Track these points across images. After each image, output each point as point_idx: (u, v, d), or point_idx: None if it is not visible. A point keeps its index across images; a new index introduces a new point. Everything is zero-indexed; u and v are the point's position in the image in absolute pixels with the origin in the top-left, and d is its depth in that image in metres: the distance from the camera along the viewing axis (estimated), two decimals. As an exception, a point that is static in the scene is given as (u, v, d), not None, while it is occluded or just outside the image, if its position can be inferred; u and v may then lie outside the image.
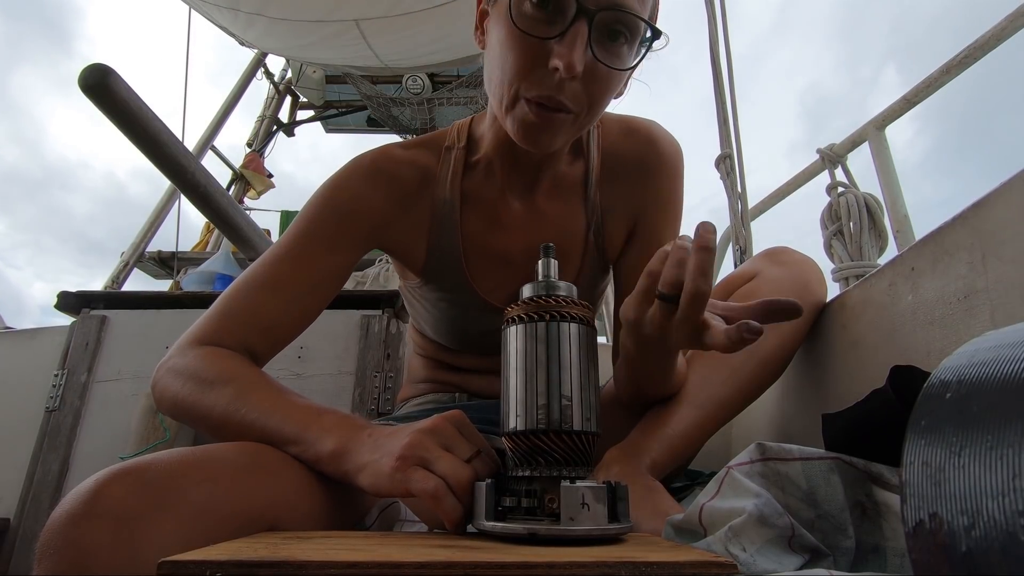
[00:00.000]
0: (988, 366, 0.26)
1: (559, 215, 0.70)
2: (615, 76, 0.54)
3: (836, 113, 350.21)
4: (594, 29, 0.51)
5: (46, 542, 0.33)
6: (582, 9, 0.50)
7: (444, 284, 0.70)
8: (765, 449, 0.43)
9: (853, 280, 1.33)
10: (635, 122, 0.71)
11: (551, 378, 0.39)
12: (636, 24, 0.52)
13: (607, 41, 0.52)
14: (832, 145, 1.56)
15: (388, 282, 2.22)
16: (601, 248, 0.72)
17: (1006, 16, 1.22)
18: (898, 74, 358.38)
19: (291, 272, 0.62)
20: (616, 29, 0.52)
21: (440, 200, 0.68)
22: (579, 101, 0.54)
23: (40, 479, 1.11)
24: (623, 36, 0.52)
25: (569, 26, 0.50)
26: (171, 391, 0.54)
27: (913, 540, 0.25)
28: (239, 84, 3.95)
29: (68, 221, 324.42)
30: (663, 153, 0.69)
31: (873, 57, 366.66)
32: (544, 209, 0.69)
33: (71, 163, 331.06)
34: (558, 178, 0.69)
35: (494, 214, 0.69)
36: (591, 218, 0.70)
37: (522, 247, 0.69)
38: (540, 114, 0.53)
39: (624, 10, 0.51)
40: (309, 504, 0.46)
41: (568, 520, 0.34)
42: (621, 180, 0.70)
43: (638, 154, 0.69)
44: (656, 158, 0.69)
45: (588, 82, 0.53)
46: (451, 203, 0.68)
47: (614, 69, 0.53)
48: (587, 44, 0.51)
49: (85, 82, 1.08)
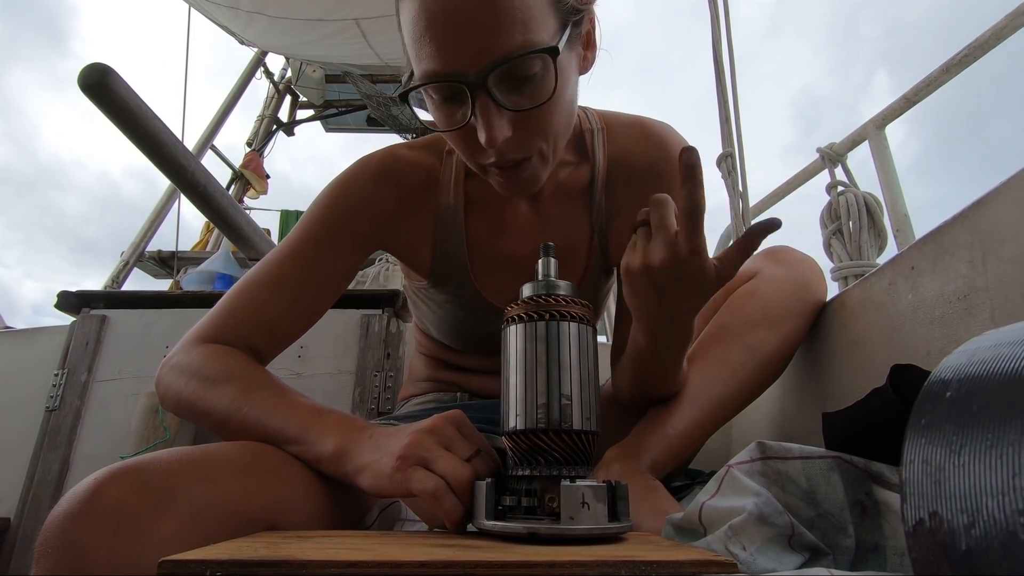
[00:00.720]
0: (988, 365, 0.26)
1: (564, 219, 0.69)
2: (548, 104, 0.51)
3: (828, 116, 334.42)
4: (494, 92, 0.48)
5: (45, 541, 0.33)
6: (473, 86, 0.48)
7: (450, 287, 0.70)
8: (765, 448, 0.43)
9: (852, 279, 1.33)
10: (648, 125, 0.69)
11: (551, 377, 0.39)
12: (526, 62, 0.48)
13: (515, 90, 0.50)
14: (832, 144, 1.56)
15: (388, 282, 2.22)
16: (605, 251, 0.71)
17: (1006, 15, 1.22)
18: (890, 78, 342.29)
19: (296, 272, 0.62)
20: (514, 78, 0.49)
21: (444, 205, 0.68)
22: (530, 145, 0.53)
23: (40, 479, 1.11)
24: (525, 74, 0.49)
25: (473, 107, 0.49)
26: (175, 388, 0.54)
27: (913, 539, 0.25)
28: (239, 83, 3.95)
29: (61, 220, 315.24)
30: (675, 158, 0.69)
31: (865, 61, 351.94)
32: (550, 213, 0.69)
33: (64, 162, 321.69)
34: (562, 182, 0.69)
35: (499, 219, 0.68)
36: (596, 222, 0.70)
37: (529, 251, 0.69)
38: (506, 175, 0.54)
39: (507, 61, 0.47)
40: (309, 504, 0.46)
41: (568, 519, 0.34)
42: (631, 184, 0.68)
43: (649, 158, 0.68)
44: (667, 162, 0.67)
45: (524, 127, 0.51)
46: (455, 208, 0.68)
47: (537, 107, 0.50)
48: (498, 106, 0.49)
49: (85, 81, 1.08)
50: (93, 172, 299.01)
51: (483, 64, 0.47)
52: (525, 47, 0.47)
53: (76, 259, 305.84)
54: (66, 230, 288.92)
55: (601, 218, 0.70)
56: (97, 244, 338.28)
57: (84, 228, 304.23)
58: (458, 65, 0.47)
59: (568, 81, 0.53)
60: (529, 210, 0.69)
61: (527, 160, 0.54)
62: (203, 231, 3.84)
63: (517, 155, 0.53)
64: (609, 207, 0.69)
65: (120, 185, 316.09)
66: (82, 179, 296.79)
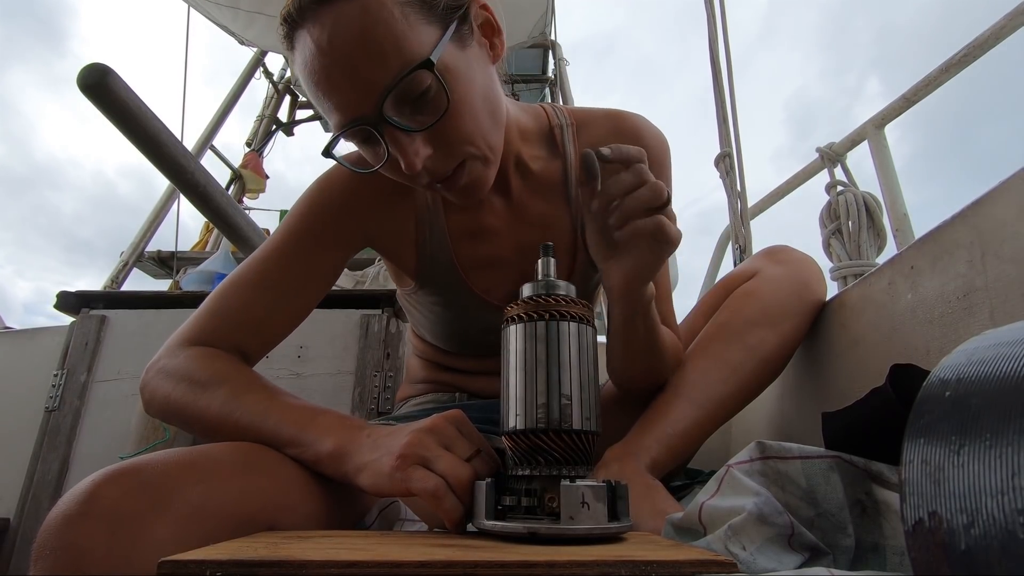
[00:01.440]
0: (987, 364, 0.26)
1: (542, 214, 0.69)
2: (453, 111, 0.50)
3: (821, 120, 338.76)
4: (396, 121, 0.49)
5: (42, 543, 0.33)
6: (374, 123, 0.49)
7: (439, 287, 0.70)
8: (765, 448, 0.43)
9: (851, 279, 1.33)
10: (621, 116, 0.70)
11: (551, 377, 0.39)
12: (411, 82, 0.48)
13: (417, 110, 0.50)
14: (831, 144, 1.56)
15: (388, 282, 2.22)
16: None
17: (1005, 15, 1.22)
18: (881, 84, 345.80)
19: (280, 270, 0.62)
20: (409, 101, 0.49)
21: (424, 204, 0.68)
22: (455, 153, 0.53)
23: (40, 479, 1.11)
24: (418, 91, 0.49)
25: (384, 143, 0.50)
26: (162, 393, 0.54)
27: (912, 538, 0.25)
28: (238, 83, 3.95)
29: (55, 219, 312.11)
30: (648, 147, 0.67)
31: (857, 66, 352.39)
32: (526, 207, 0.69)
33: (59, 161, 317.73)
34: (534, 176, 0.68)
35: (477, 218, 0.68)
36: (576, 216, 0.69)
37: (511, 246, 0.69)
38: (448, 186, 0.55)
39: (389, 90, 0.48)
40: (307, 504, 0.46)
41: (568, 519, 0.34)
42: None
43: (610, 138, 0.67)
44: (628, 132, 0.67)
45: (442, 140, 0.51)
46: (434, 208, 0.68)
47: (440, 118, 0.50)
48: (406, 132, 0.50)
49: (84, 82, 1.08)
50: (88, 171, 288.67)
51: (372, 100, 0.48)
52: (403, 69, 0.47)
53: (69, 259, 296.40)
54: (60, 229, 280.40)
55: (581, 212, 0.69)
56: (90, 244, 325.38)
57: (78, 227, 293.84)
58: (355, 111, 0.49)
59: (472, 81, 0.52)
60: (505, 207, 0.68)
61: (461, 168, 0.54)
62: (203, 231, 3.84)
63: (446, 167, 0.53)
64: None
65: (115, 184, 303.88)
66: (77, 178, 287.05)
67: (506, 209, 0.69)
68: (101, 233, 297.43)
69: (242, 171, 4.10)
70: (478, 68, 0.54)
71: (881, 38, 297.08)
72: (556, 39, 4.11)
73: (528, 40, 3.83)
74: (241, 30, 3.57)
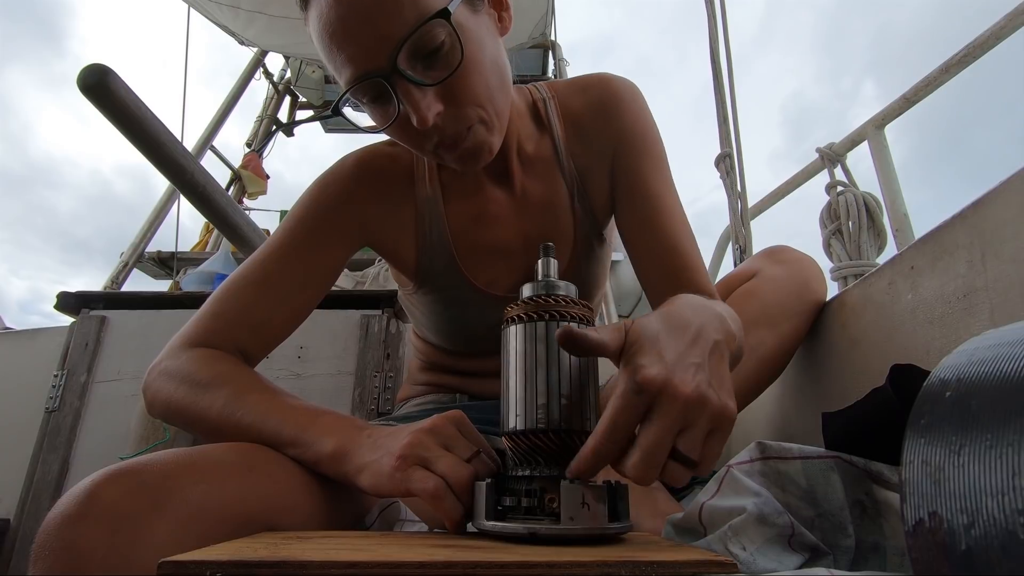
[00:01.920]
0: (987, 365, 0.26)
1: (542, 194, 0.69)
2: (465, 69, 0.51)
3: (817, 123, 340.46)
4: (409, 74, 0.49)
5: (42, 543, 0.33)
6: (387, 75, 0.49)
7: (440, 282, 0.70)
8: (765, 448, 0.43)
9: (851, 279, 1.33)
10: (586, 77, 0.70)
11: (551, 378, 0.39)
12: (427, 34, 0.48)
13: (429, 65, 0.50)
14: (831, 144, 1.56)
15: (388, 282, 2.22)
16: (589, 212, 0.70)
17: (1005, 15, 1.22)
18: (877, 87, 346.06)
19: (280, 270, 0.62)
20: (422, 54, 0.49)
21: (423, 197, 0.68)
22: (465, 113, 0.53)
23: (40, 479, 1.11)
24: (432, 46, 0.49)
25: (396, 96, 0.50)
26: (164, 394, 0.54)
27: (913, 539, 0.25)
28: (238, 84, 3.95)
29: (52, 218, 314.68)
30: (617, 90, 0.68)
31: (853, 70, 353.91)
32: (527, 192, 0.69)
33: (57, 160, 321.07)
34: (530, 158, 0.68)
35: (478, 206, 0.68)
36: (571, 186, 0.69)
37: (513, 235, 0.68)
38: (453, 149, 0.55)
39: (405, 40, 0.48)
40: (308, 504, 0.46)
41: (568, 520, 0.34)
42: (588, 135, 0.69)
43: (595, 101, 0.68)
44: (612, 96, 0.68)
45: (453, 98, 0.52)
46: (433, 199, 0.68)
47: (452, 73, 0.50)
48: (418, 86, 0.50)
49: (84, 82, 1.08)
50: (85, 170, 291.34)
51: (387, 52, 0.48)
52: (418, 21, 0.48)
53: (65, 258, 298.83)
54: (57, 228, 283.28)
55: (575, 182, 0.69)
56: (88, 243, 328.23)
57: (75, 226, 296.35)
58: (368, 63, 0.49)
59: (483, 43, 0.53)
60: (506, 194, 0.68)
61: (469, 130, 0.54)
62: (203, 231, 3.84)
63: (456, 126, 0.53)
64: (578, 167, 0.69)
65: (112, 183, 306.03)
66: (74, 177, 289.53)
67: (508, 197, 0.68)
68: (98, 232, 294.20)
69: (242, 172, 4.09)
70: (488, 34, 0.55)
71: (877, 42, 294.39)
72: (556, 39, 4.11)
73: (528, 40, 3.83)
74: (241, 30, 3.57)
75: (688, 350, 0.36)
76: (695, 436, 0.34)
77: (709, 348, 0.37)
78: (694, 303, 0.42)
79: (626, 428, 0.34)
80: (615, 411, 0.34)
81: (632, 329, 0.37)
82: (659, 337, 0.36)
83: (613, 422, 0.34)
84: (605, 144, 0.68)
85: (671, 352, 0.35)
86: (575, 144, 0.69)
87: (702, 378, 0.34)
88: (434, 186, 0.68)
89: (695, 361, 0.35)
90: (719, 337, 0.38)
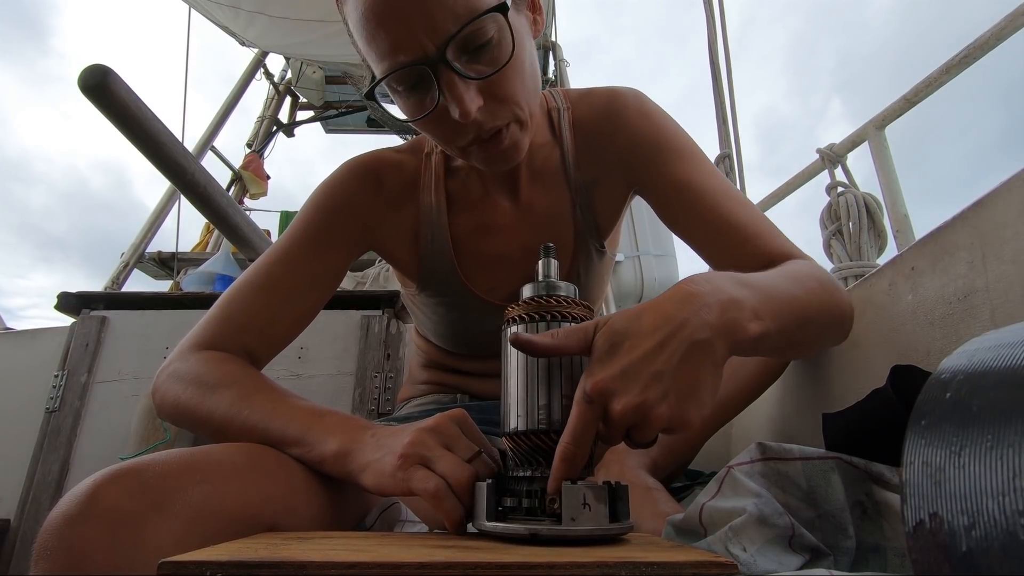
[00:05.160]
0: (988, 366, 0.26)
1: (546, 205, 0.69)
2: (509, 67, 0.51)
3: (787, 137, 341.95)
4: (456, 65, 0.49)
5: (43, 543, 0.33)
6: (434, 64, 0.48)
7: (441, 288, 0.70)
8: (766, 449, 0.43)
9: (852, 280, 1.33)
10: (595, 90, 0.70)
11: (552, 378, 0.39)
12: (480, 27, 0.48)
13: (475, 59, 0.50)
14: (832, 145, 1.56)
15: (388, 282, 2.22)
16: (592, 223, 0.70)
17: (1005, 16, 1.23)
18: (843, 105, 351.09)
19: (286, 273, 0.62)
20: (471, 47, 0.49)
21: (426, 205, 0.68)
22: (504, 112, 0.53)
23: (40, 480, 1.11)
24: (481, 41, 0.49)
25: (440, 86, 0.49)
26: (172, 395, 0.54)
27: (913, 540, 0.25)
28: (239, 85, 3.95)
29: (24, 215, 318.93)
30: (623, 101, 0.67)
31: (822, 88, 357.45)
32: (532, 203, 0.69)
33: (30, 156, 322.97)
34: (539, 168, 0.68)
35: (483, 216, 0.68)
36: (576, 197, 0.69)
37: (517, 245, 0.69)
38: (487, 147, 0.54)
39: (460, 31, 0.48)
40: (308, 505, 0.46)
41: (570, 520, 0.34)
42: (597, 147, 0.68)
43: (602, 113, 0.68)
44: (618, 108, 0.67)
45: (494, 94, 0.52)
46: (437, 208, 0.68)
47: (499, 70, 0.50)
48: (463, 78, 0.49)
49: (85, 83, 1.08)
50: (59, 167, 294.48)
51: (438, 41, 0.48)
52: (473, 13, 0.48)
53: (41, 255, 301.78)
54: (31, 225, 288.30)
55: (581, 193, 0.69)
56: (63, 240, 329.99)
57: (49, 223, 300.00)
58: (414, 50, 0.48)
59: (524, 43, 0.53)
60: (511, 204, 0.68)
61: (505, 128, 0.54)
62: (203, 232, 3.84)
63: (494, 123, 0.53)
64: (585, 178, 0.69)
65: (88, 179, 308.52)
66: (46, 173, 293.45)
67: (513, 207, 0.69)
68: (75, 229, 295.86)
69: (243, 172, 4.10)
70: (526, 36, 0.55)
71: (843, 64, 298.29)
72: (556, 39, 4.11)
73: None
74: (242, 30, 3.58)
75: (651, 355, 0.35)
76: (645, 435, 0.36)
77: (683, 351, 0.35)
78: (696, 290, 0.39)
79: (586, 433, 0.35)
80: (575, 418, 0.36)
81: (600, 331, 0.37)
82: (622, 342, 0.36)
83: (574, 429, 0.35)
84: (615, 156, 0.68)
85: (627, 358, 0.35)
86: (584, 155, 0.69)
87: (655, 390, 0.34)
88: (439, 195, 0.68)
89: (654, 369, 0.35)
90: (704, 336, 0.36)
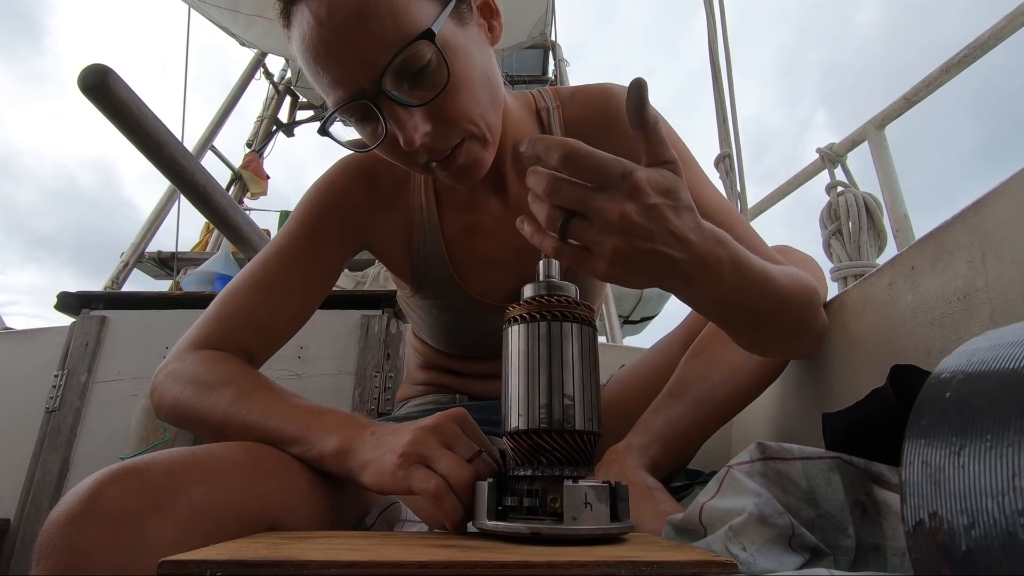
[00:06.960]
0: (988, 365, 0.26)
1: None
2: (453, 86, 0.50)
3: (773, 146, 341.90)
4: (394, 95, 0.49)
5: (44, 542, 0.33)
6: (373, 97, 0.49)
7: (436, 290, 0.70)
8: (765, 448, 0.43)
9: (851, 279, 1.33)
10: (587, 88, 0.69)
11: (553, 377, 0.39)
12: (412, 55, 0.48)
13: (416, 85, 0.49)
14: (832, 144, 1.57)
15: (388, 282, 2.22)
16: None
17: (1005, 16, 1.23)
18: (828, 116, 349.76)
19: (281, 272, 0.62)
20: (408, 75, 0.49)
21: (418, 207, 0.68)
22: (454, 131, 0.52)
23: (40, 479, 1.11)
24: (419, 65, 0.48)
25: (382, 118, 0.49)
26: (171, 395, 0.54)
27: (913, 539, 0.25)
28: (238, 84, 3.96)
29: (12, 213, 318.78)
30: (618, 96, 0.66)
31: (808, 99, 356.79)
32: (523, 203, 0.68)
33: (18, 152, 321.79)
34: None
35: (473, 217, 0.68)
36: None
37: (509, 247, 0.68)
38: (446, 166, 0.54)
39: (392, 61, 0.47)
40: (309, 504, 0.46)
41: (571, 519, 0.34)
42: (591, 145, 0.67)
43: (598, 112, 0.67)
44: (615, 107, 0.66)
45: (441, 116, 0.51)
46: (428, 209, 0.68)
47: (439, 93, 0.49)
48: (404, 107, 0.49)
49: (84, 83, 1.08)
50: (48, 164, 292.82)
51: (372, 75, 0.48)
52: (403, 42, 0.47)
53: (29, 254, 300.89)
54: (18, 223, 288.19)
55: None
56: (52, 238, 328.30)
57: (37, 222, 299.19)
58: (353, 85, 0.48)
59: (471, 58, 0.52)
60: (500, 204, 0.68)
61: (459, 146, 0.53)
62: (203, 232, 3.84)
63: (445, 144, 0.52)
64: None
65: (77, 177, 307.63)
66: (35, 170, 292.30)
67: (502, 209, 0.68)
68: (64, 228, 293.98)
69: (242, 172, 4.10)
70: (477, 47, 0.54)
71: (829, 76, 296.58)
72: (556, 39, 4.12)
73: (527, 40, 3.83)
74: (242, 31, 3.58)
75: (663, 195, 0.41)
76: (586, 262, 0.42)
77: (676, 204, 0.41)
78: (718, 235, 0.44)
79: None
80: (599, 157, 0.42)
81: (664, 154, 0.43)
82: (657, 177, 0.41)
83: None
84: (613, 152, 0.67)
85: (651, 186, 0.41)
86: None
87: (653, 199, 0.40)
88: (428, 196, 0.68)
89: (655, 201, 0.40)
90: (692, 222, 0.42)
